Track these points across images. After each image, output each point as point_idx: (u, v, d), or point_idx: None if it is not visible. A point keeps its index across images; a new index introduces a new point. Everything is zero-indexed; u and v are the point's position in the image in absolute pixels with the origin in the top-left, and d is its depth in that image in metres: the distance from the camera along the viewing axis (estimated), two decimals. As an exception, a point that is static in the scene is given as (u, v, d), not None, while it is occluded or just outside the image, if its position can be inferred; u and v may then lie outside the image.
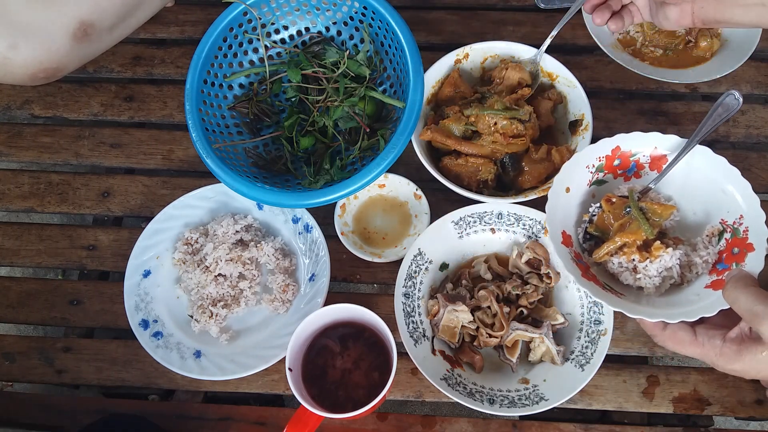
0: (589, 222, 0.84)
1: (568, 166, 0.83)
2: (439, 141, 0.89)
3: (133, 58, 1.09)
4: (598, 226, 0.83)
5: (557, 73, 0.94)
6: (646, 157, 0.86)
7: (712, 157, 0.83)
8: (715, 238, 0.82)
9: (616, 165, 0.86)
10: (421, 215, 0.91)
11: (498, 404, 0.78)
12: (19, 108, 1.07)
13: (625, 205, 0.82)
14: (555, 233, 0.81)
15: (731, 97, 0.82)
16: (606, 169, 0.86)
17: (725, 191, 0.82)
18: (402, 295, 0.83)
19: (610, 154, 0.85)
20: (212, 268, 0.88)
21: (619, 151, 0.85)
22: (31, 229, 0.98)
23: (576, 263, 0.79)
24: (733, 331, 0.69)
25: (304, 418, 0.74)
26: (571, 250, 0.81)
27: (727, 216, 0.82)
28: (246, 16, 0.94)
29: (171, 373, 0.86)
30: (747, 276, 0.70)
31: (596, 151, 0.84)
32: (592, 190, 0.86)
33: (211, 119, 0.92)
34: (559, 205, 0.83)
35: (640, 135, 0.84)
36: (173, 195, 0.95)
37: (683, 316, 0.72)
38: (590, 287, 0.76)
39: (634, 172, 0.87)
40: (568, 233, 0.83)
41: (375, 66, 0.94)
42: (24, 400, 0.88)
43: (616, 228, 0.82)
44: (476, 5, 1.11)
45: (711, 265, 0.80)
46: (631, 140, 0.84)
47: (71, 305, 0.93)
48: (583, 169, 0.85)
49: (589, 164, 0.85)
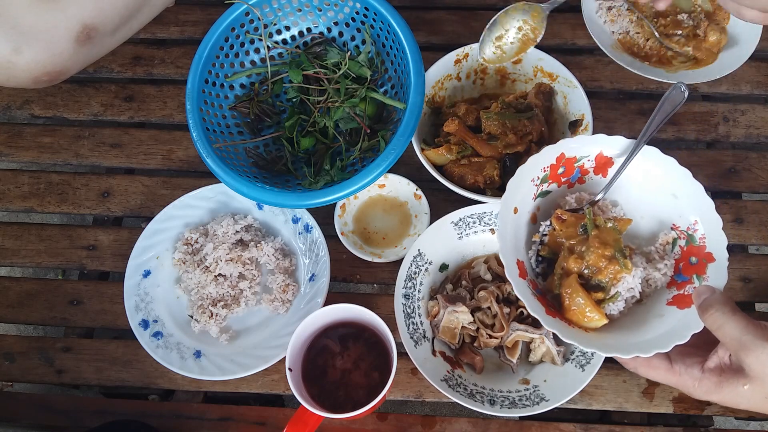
0: (541, 244, 0.78)
1: (512, 183, 0.76)
2: (461, 135, 0.89)
3: (133, 58, 1.09)
4: (551, 248, 0.78)
5: (557, 73, 0.94)
6: (591, 162, 0.81)
7: (661, 158, 0.78)
8: (669, 246, 0.78)
9: (561, 173, 0.80)
10: (421, 215, 0.91)
11: (498, 405, 0.78)
12: (19, 108, 1.07)
13: (580, 224, 0.76)
14: (510, 265, 0.73)
15: (677, 91, 0.79)
16: (550, 179, 0.80)
17: (676, 194, 0.78)
18: (402, 296, 0.83)
19: (554, 163, 0.79)
20: (212, 268, 0.88)
21: (564, 158, 0.79)
22: (31, 229, 0.98)
23: (536, 296, 0.74)
24: (712, 360, 0.66)
25: (304, 418, 0.74)
26: (528, 281, 0.75)
27: (679, 221, 0.78)
28: (248, 16, 0.94)
29: (171, 373, 0.86)
30: (728, 299, 0.65)
31: (540, 161, 0.78)
32: (537, 203, 0.81)
33: (211, 119, 0.92)
34: (509, 230, 0.76)
35: (585, 138, 0.79)
36: (173, 195, 0.95)
37: (656, 346, 0.68)
38: (558, 327, 0.70)
39: (578, 178, 0.82)
40: (522, 260, 0.77)
41: (376, 67, 0.94)
42: (24, 400, 0.88)
43: (566, 254, 0.75)
44: (476, 5, 1.11)
45: (669, 277, 0.77)
46: (576, 145, 0.79)
47: (71, 305, 0.93)
48: (528, 184, 0.79)
49: (534, 177, 0.79)
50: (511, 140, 0.89)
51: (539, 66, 0.95)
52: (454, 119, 0.90)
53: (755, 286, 0.89)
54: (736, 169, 0.96)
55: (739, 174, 0.96)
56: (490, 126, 0.90)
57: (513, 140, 0.89)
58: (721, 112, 1.00)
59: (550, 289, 0.77)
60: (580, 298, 0.73)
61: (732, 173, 0.96)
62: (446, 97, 0.98)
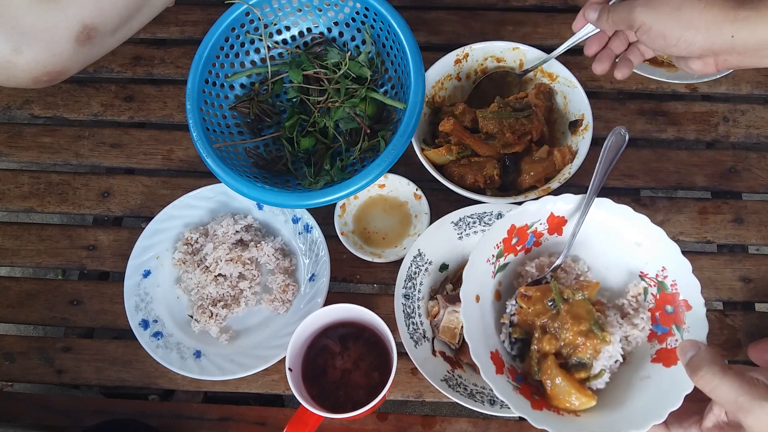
0: (511, 325, 0.74)
1: (468, 272, 0.72)
2: (457, 135, 0.89)
3: (133, 58, 1.09)
4: (522, 327, 0.73)
5: (557, 73, 0.94)
6: (543, 225, 0.77)
7: (616, 209, 0.75)
8: (641, 296, 0.76)
9: (515, 243, 0.77)
10: (421, 215, 0.91)
11: (499, 405, 0.78)
12: (19, 108, 1.07)
13: (547, 299, 0.72)
14: (485, 363, 0.68)
15: (617, 136, 0.77)
16: (506, 252, 0.77)
17: (638, 242, 0.75)
18: (402, 297, 0.83)
19: (506, 236, 0.75)
20: (212, 268, 0.88)
21: (515, 228, 0.75)
22: (31, 229, 0.98)
23: (518, 389, 0.69)
24: (709, 419, 0.63)
25: (304, 418, 0.74)
26: (507, 371, 0.71)
27: (646, 268, 0.75)
28: (248, 16, 0.94)
29: (171, 373, 0.86)
30: (715, 356, 0.62)
31: (491, 238, 0.74)
32: (497, 279, 0.77)
33: (211, 119, 0.92)
34: (475, 323, 0.72)
35: (532, 204, 0.75)
36: (173, 195, 0.95)
37: (650, 418, 0.64)
38: (548, 421, 0.65)
39: (534, 242, 0.79)
40: (496, 351, 0.72)
41: (376, 67, 0.94)
42: (24, 400, 0.88)
43: (539, 334, 0.71)
44: (476, 5, 1.11)
45: (647, 330, 0.74)
46: (524, 213, 0.75)
47: (71, 305, 0.93)
48: (483, 266, 0.75)
49: (488, 257, 0.75)
50: (508, 139, 0.89)
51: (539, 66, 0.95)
52: (449, 119, 0.90)
53: (755, 286, 0.89)
54: (736, 169, 0.96)
55: (739, 174, 0.96)
56: (487, 125, 0.91)
57: (511, 139, 0.90)
58: (721, 112, 1.00)
59: (528, 373, 0.73)
60: (563, 382, 0.69)
61: (732, 173, 0.96)
62: (446, 97, 0.98)
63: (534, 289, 0.74)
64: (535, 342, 0.72)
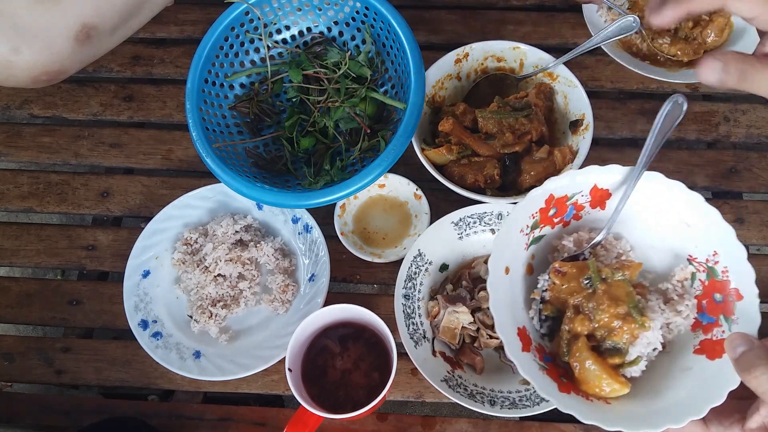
0: (542, 302, 0.70)
1: (499, 240, 0.67)
2: (457, 134, 0.89)
3: (133, 58, 1.09)
4: (554, 305, 0.69)
5: (557, 72, 0.94)
6: (585, 197, 0.71)
7: (666, 184, 0.69)
8: (687, 281, 0.70)
9: (552, 215, 0.71)
10: (421, 215, 0.91)
11: (499, 405, 0.78)
12: (18, 108, 1.06)
13: (583, 276, 0.68)
14: (511, 341, 0.64)
15: (674, 105, 0.70)
16: (541, 223, 0.71)
17: (689, 223, 0.69)
18: (402, 297, 0.83)
19: (544, 206, 0.70)
20: (212, 268, 0.88)
21: (554, 199, 0.70)
22: (30, 229, 0.98)
23: (545, 370, 0.64)
24: (754, 420, 0.58)
25: (304, 419, 0.74)
26: (534, 349, 0.66)
27: (695, 252, 0.69)
28: (248, 15, 0.94)
29: (170, 374, 0.86)
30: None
31: (527, 207, 0.69)
32: (530, 252, 0.72)
33: (211, 119, 0.92)
34: (503, 295, 0.67)
35: (573, 174, 0.70)
36: (173, 195, 0.95)
37: (689, 412, 0.59)
38: (576, 406, 0.61)
39: (573, 215, 0.73)
40: (524, 328, 0.67)
41: (376, 67, 0.94)
42: (23, 400, 0.88)
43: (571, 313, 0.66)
44: (476, 5, 1.11)
45: (692, 319, 0.68)
46: (565, 183, 0.69)
47: (71, 305, 0.93)
48: (516, 236, 0.69)
49: (522, 227, 0.70)
50: (508, 139, 0.89)
51: (539, 65, 0.95)
52: (448, 118, 0.90)
53: (756, 286, 0.89)
54: (737, 169, 0.96)
55: (740, 174, 0.96)
56: (487, 125, 0.90)
57: (510, 139, 0.89)
58: (722, 112, 1.00)
59: (558, 354, 0.68)
60: (595, 367, 0.64)
61: (733, 173, 0.96)
62: (446, 97, 0.97)
63: (569, 265, 0.69)
64: (567, 322, 0.67)
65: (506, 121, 0.90)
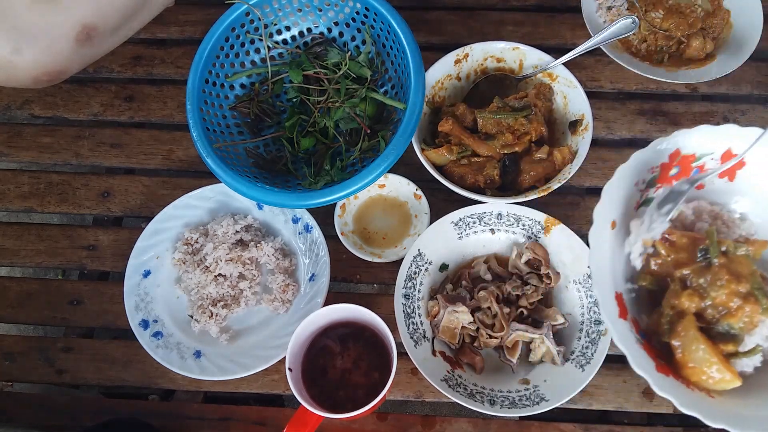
0: (641, 271, 0.62)
1: (610, 189, 0.58)
2: (456, 135, 0.89)
3: (133, 58, 1.09)
4: (654, 276, 0.60)
5: (557, 73, 0.94)
6: (714, 161, 0.61)
7: None
8: None
9: (673, 175, 0.63)
10: (421, 215, 0.91)
11: (499, 405, 0.78)
12: (19, 108, 1.07)
13: (700, 248, 0.58)
14: (607, 301, 0.55)
15: None
16: (659, 182, 0.63)
17: None
18: (402, 297, 0.83)
19: (667, 161, 0.61)
20: (212, 268, 0.88)
21: (680, 155, 0.61)
22: (31, 229, 0.98)
23: (642, 344, 0.55)
24: None
25: (304, 418, 0.74)
26: (631, 321, 0.57)
27: None
28: (248, 16, 0.94)
29: (171, 373, 0.86)
30: None
31: (649, 160, 0.60)
32: (639, 213, 0.63)
33: (212, 119, 0.92)
34: (605, 252, 0.58)
35: (708, 130, 0.60)
36: (173, 195, 0.95)
37: None
38: (674, 391, 0.52)
39: (696, 182, 0.63)
40: (620, 294, 0.58)
41: (376, 67, 0.94)
42: (24, 400, 0.88)
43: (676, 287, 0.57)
44: (476, 5, 1.11)
45: None
46: (698, 139, 0.60)
47: (71, 305, 0.93)
48: (631, 189, 0.61)
49: (639, 180, 0.61)
50: (508, 139, 0.90)
51: (539, 66, 0.95)
52: (448, 119, 0.90)
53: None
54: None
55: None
56: (487, 125, 0.91)
57: (510, 139, 0.90)
58: (721, 112, 1.00)
59: (655, 332, 0.59)
60: (702, 350, 0.55)
61: (732, 173, 0.96)
62: (446, 97, 0.98)
63: (680, 233, 0.60)
64: (671, 296, 0.58)
65: (506, 121, 0.90)
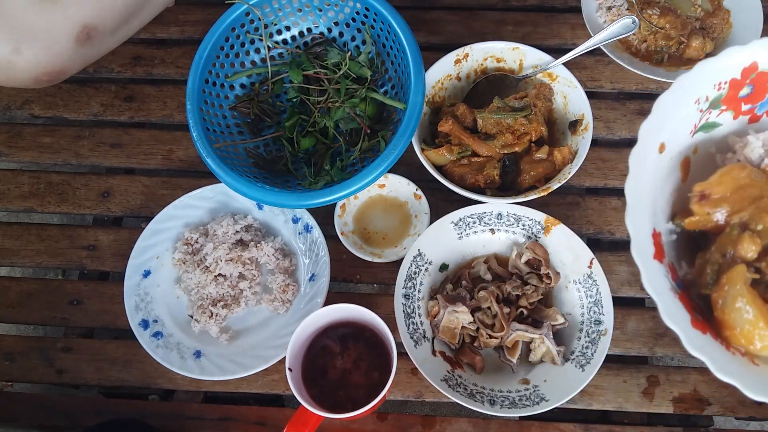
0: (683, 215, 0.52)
1: (662, 103, 0.48)
2: (456, 135, 0.90)
3: (133, 58, 1.09)
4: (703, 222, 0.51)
5: (557, 73, 0.94)
6: None
7: None
8: None
9: (743, 96, 0.52)
10: (421, 215, 0.91)
11: (499, 405, 0.78)
12: (19, 108, 1.07)
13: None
14: (641, 238, 0.47)
15: None
16: (725, 104, 0.52)
17: None
18: (402, 297, 0.83)
19: (738, 78, 0.51)
20: (212, 268, 0.88)
21: (756, 70, 0.50)
22: (31, 229, 0.98)
23: (678, 293, 0.47)
24: None
25: (304, 418, 0.74)
26: (667, 266, 0.49)
27: None
28: (248, 16, 0.94)
29: (171, 373, 0.86)
30: None
31: (715, 71, 0.49)
32: (694, 141, 0.53)
33: (212, 119, 0.92)
34: (647, 179, 0.49)
35: None
36: (173, 195, 0.95)
37: None
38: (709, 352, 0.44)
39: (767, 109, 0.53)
40: (659, 234, 0.50)
41: (376, 67, 0.94)
42: (24, 400, 0.88)
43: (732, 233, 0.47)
44: (476, 5, 1.11)
45: None
46: None
47: (71, 305, 0.93)
48: (688, 107, 0.50)
49: (700, 97, 0.50)
50: (507, 139, 0.90)
51: (539, 66, 0.95)
52: (448, 119, 0.90)
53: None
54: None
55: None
56: (486, 125, 0.91)
57: (510, 139, 0.90)
58: (721, 112, 1.00)
59: (695, 284, 0.51)
60: (749, 307, 0.46)
61: (732, 173, 0.96)
62: (446, 97, 0.98)
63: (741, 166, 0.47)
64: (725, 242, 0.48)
65: (506, 121, 0.90)
